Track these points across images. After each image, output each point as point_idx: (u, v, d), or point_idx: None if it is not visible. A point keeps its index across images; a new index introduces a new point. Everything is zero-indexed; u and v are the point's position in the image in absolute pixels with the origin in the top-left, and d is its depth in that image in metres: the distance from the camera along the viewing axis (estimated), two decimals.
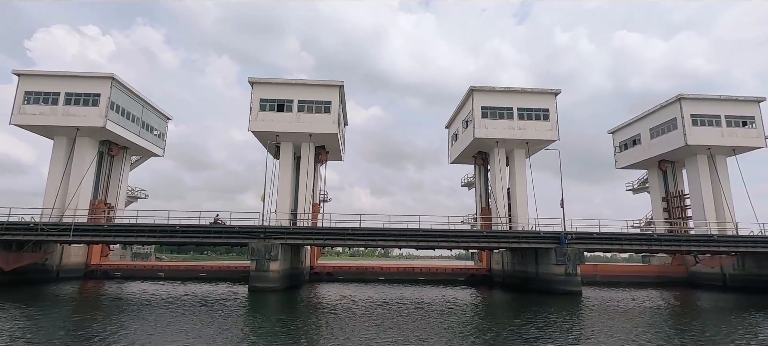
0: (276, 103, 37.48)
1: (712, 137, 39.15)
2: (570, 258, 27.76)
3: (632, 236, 28.91)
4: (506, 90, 38.87)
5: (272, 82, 38.06)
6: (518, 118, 38.30)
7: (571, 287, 27.57)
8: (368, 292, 29.09)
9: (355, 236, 28.03)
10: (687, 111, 39.41)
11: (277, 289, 27.13)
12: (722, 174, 40.39)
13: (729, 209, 38.69)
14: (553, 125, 38.34)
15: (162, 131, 47.24)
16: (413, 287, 33.12)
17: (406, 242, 28.04)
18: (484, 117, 38.28)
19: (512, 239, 29.09)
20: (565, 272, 27.71)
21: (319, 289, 30.98)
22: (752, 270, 35.48)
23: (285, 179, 38.29)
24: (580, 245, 28.40)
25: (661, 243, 29.20)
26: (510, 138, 37.96)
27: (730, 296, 30.55)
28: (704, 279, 40.19)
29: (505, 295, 28.89)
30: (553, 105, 38.75)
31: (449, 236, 28.08)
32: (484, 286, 36.68)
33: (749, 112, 39.93)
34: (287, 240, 27.51)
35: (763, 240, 30.25)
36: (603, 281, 41.51)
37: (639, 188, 50.27)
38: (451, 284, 37.54)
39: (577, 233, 28.54)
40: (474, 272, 40.30)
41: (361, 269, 39.82)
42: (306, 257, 36.88)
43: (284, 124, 37.14)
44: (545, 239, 28.68)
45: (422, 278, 39.51)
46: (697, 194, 40.47)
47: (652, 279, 42.23)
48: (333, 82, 38.11)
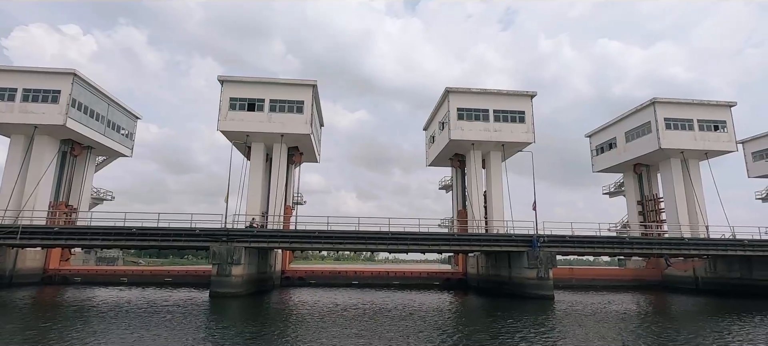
0: (247, 103, 36.37)
1: (685, 141, 39.40)
2: (542, 262, 27.30)
3: (605, 239, 28.63)
4: (482, 92, 38.48)
5: (243, 81, 36.94)
6: (494, 120, 37.92)
7: (543, 291, 27.09)
8: (339, 297, 28.15)
9: (322, 239, 27.09)
10: (661, 115, 39.60)
11: (241, 294, 25.99)
12: (695, 178, 40.67)
13: (701, 213, 38.91)
14: (529, 127, 38.06)
15: (130, 131, 45.58)
16: (386, 292, 32.28)
17: (376, 245, 27.22)
18: (460, 119, 37.79)
19: (484, 243, 28.53)
20: (537, 276, 27.22)
21: (289, 294, 29.90)
22: (723, 273, 35.67)
23: (255, 181, 37.11)
24: (553, 249, 27.97)
25: (633, 246, 29.00)
26: (486, 140, 37.52)
27: (702, 299, 30.53)
28: (677, 282, 40.34)
29: (477, 300, 28.28)
30: (529, 107, 38.49)
31: (419, 239, 27.35)
32: (460, 290, 36.06)
33: (721, 116, 40.33)
34: (251, 243, 26.40)
35: (732, 243, 30.32)
36: (579, 284, 41.35)
37: (615, 192, 50.49)
38: (426, 288, 36.83)
39: (549, 236, 28.11)
40: (449, 277, 39.67)
41: (334, 273, 38.80)
42: (276, 261, 35.72)
43: (255, 124, 36.02)
44: (517, 242, 28.18)
45: (397, 283, 38.70)
46: (671, 197, 40.67)
47: (628, 282, 42.27)
48: (306, 82, 37.19)
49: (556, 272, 43.93)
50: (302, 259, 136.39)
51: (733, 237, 31.63)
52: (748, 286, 33.53)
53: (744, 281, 33.96)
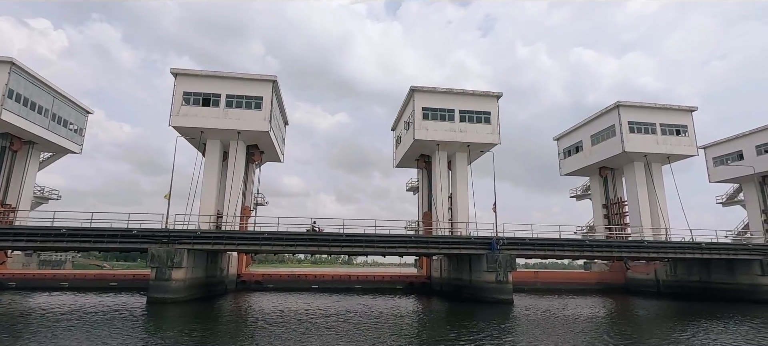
0: (201, 97, 34.56)
1: (648, 145, 39.57)
2: (501, 265, 26.51)
3: (565, 241, 28.10)
4: (448, 91, 37.71)
5: (197, 74, 35.10)
6: (460, 121, 37.18)
7: (502, 295, 26.29)
8: (296, 301, 26.71)
9: (272, 241, 25.58)
10: (625, 118, 39.69)
11: (182, 300, 24.23)
12: (657, 181, 40.92)
13: (662, 216, 39.09)
14: (495, 129, 37.48)
15: (80, 126, 42.94)
16: (346, 296, 30.98)
17: (329, 247, 25.86)
18: (425, 118, 36.90)
19: (442, 245, 27.58)
20: (496, 280, 26.39)
21: (242, 299, 28.25)
22: (683, 276, 35.81)
23: (210, 179, 35.27)
24: (512, 251, 27.23)
25: (593, 249, 28.60)
26: (451, 140, 36.73)
27: (662, 302, 30.37)
28: (640, 285, 40.43)
29: (437, 304, 27.29)
30: (494, 108, 37.93)
31: (374, 242, 26.16)
32: (423, 294, 35.08)
33: (683, 121, 40.74)
34: (194, 245, 24.68)
35: (690, 246, 30.29)
36: (543, 287, 40.97)
37: (582, 195, 50.62)
38: (389, 292, 35.68)
39: (509, 239, 27.36)
40: (413, 280, 38.64)
41: (293, 277, 37.22)
42: (230, 264, 33.93)
43: (210, 119, 34.25)
44: (476, 245, 27.34)
45: (359, 286, 37.42)
46: (634, 200, 40.79)
47: (592, 286, 42.14)
48: (265, 77, 35.64)
49: (520, 276, 43.70)
50: (274, 262, 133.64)
51: (691, 240, 31.65)
52: (706, 289, 33.69)
53: (703, 284, 34.12)
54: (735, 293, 31.19)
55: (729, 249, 30.17)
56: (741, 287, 30.92)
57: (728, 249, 30.16)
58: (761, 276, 29.63)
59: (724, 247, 30.20)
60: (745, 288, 30.64)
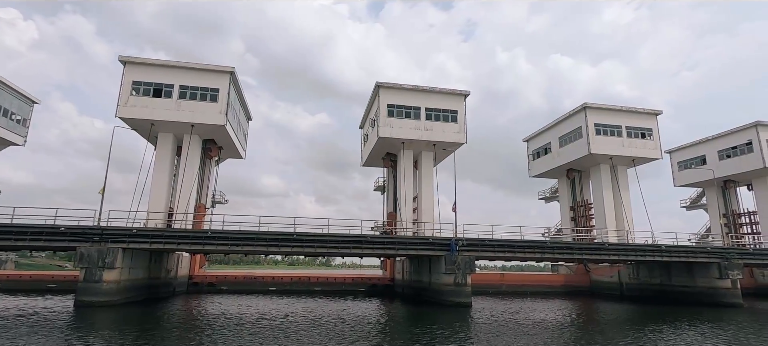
0: (152, 87, 32.56)
1: (614, 147, 39.54)
2: (460, 266, 25.57)
3: (525, 243, 27.40)
4: (414, 88, 36.73)
5: (148, 63, 33.08)
6: (426, 119, 36.25)
7: (461, 298, 25.36)
8: (248, 304, 25.11)
9: (216, 240, 23.93)
10: (591, 120, 39.56)
11: (116, 303, 22.36)
12: (623, 184, 40.97)
13: (626, 219, 39.08)
14: (462, 128, 36.70)
15: (24, 117, 40.06)
16: (303, 299, 29.50)
17: (278, 247, 24.40)
18: (390, 116, 35.81)
19: (399, 246, 26.47)
20: (454, 282, 25.44)
21: (189, 302, 26.45)
22: (645, 279, 35.76)
23: (161, 175, 33.26)
24: (472, 253, 26.35)
25: (554, 251, 28.00)
26: (416, 139, 35.73)
27: (623, 305, 30.04)
28: (604, 288, 40.33)
29: (395, 307, 26.15)
30: (462, 107, 37.16)
31: (327, 242, 24.83)
32: (386, 297, 33.91)
33: (648, 124, 40.90)
34: (130, 244, 22.83)
35: (650, 249, 30.10)
36: (509, 290, 40.43)
37: (551, 197, 50.52)
38: (351, 294, 34.34)
39: (468, 240, 26.47)
40: (376, 282, 37.44)
41: (250, 278, 35.47)
42: (180, 265, 32.00)
43: (161, 111, 32.28)
44: (435, 246, 26.35)
45: (319, 289, 35.95)
46: (600, 202, 40.71)
47: (558, 288, 41.86)
48: (221, 68, 33.90)
49: (487, 278, 43.14)
50: (249, 263, 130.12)
51: (652, 243, 31.51)
52: (667, 292, 33.65)
53: (664, 286, 34.09)
54: (694, 296, 31.17)
55: (688, 252, 30.10)
56: (700, 290, 30.91)
57: (687, 252, 30.08)
58: (719, 279, 29.63)
59: (683, 250, 30.11)
60: (703, 291, 30.63)
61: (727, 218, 48.20)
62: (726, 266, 29.41)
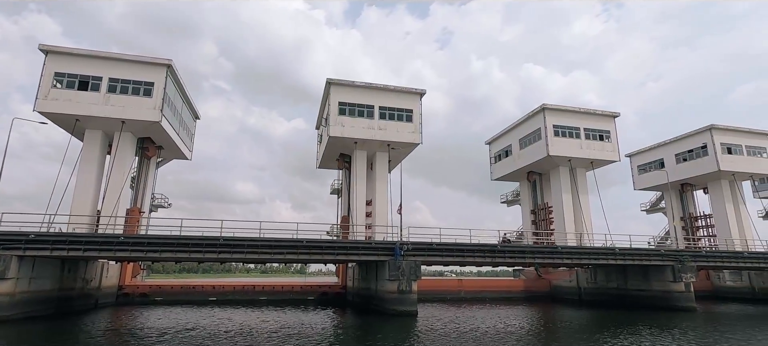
0: (78, 80, 29.75)
1: (573, 149, 38.97)
2: (405, 273, 23.85)
3: (475, 246, 25.94)
4: (367, 86, 35.11)
5: (73, 53, 30.25)
6: (379, 118, 34.67)
7: (405, 306, 23.61)
8: (177, 317, 22.52)
9: (129, 246, 21.43)
10: (550, 122, 38.90)
11: (12, 319, 19.53)
12: (582, 187, 40.40)
13: (585, 222, 38.43)
14: (417, 127, 35.28)
15: None
16: (245, 310, 27.07)
17: (203, 253, 22.07)
18: (342, 114, 34.07)
19: (339, 251, 24.54)
20: (398, 289, 23.67)
21: (111, 315, 23.63)
22: (602, 283, 35.02)
23: (87, 175, 30.35)
24: (418, 257, 24.68)
25: (505, 255, 26.68)
26: (369, 139, 34.07)
27: (581, 311, 28.99)
28: (564, 293, 39.50)
29: (339, 317, 24.13)
30: (417, 106, 35.79)
31: (259, 246, 22.65)
32: (337, 305, 31.81)
33: (606, 126, 40.57)
34: (27, 251, 20.09)
35: (604, 252, 29.21)
36: (468, 296, 39.05)
37: (512, 200, 49.72)
38: (299, 304, 32.06)
39: (414, 244, 24.82)
40: (327, 290, 35.31)
41: (187, 288, 32.76)
42: (104, 274, 29.04)
43: (87, 106, 29.50)
44: (378, 251, 24.57)
45: (264, 298, 33.54)
46: (559, 205, 40.01)
47: (519, 294, 40.79)
48: (157, 60, 31.40)
49: (444, 285, 41.67)
50: (220, 272, 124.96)
51: (605, 246, 30.69)
52: (624, 296, 32.92)
53: (621, 291, 33.36)
54: (650, 300, 30.46)
55: (642, 255, 29.39)
56: (655, 294, 30.21)
57: (641, 255, 29.36)
58: (673, 282, 28.98)
59: (637, 252, 29.37)
60: (658, 295, 29.95)
61: (685, 221, 48.52)
62: (679, 269, 28.79)
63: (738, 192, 44.38)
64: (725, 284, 44.16)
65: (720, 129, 43.22)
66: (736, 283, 42.90)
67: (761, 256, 33.10)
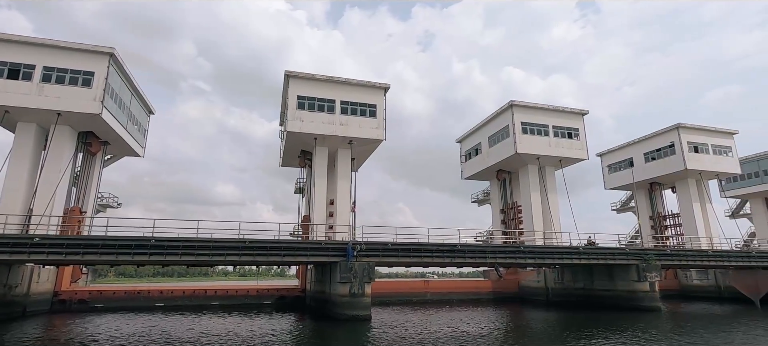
0: (8, 68, 27.36)
1: (541, 147, 38.20)
2: (357, 274, 22.38)
3: (433, 246, 24.64)
4: (328, 79, 33.58)
5: (3, 39, 27.79)
6: (341, 113, 33.16)
7: (357, 311, 22.15)
8: (111, 326, 20.45)
9: (52, 247, 19.35)
10: (518, 119, 38.07)
11: None
12: (550, 185, 39.69)
13: (552, 221, 37.68)
14: (381, 123, 33.90)
15: None
16: (192, 317, 25.08)
17: (132, 255, 20.13)
18: (301, 108, 32.44)
19: (286, 252, 22.88)
20: (349, 292, 22.19)
21: (38, 324, 21.41)
22: (569, 284, 34.29)
23: (18, 170, 27.92)
24: (372, 258, 23.26)
25: (465, 255, 25.46)
26: (330, 134, 32.52)
27: (548, 312, 28.05)
28: (532, 294, 38.70)
29: (289, 324, 22.48)
30: (381, 101, 34.42)
31: (195, 248, 20.85)
32: (295, 310, 30.08)
33: (574, 124, 39.99)
34: None
35: (568, 251, 28.35)
36: (434, 298, 37.85)
37: (483, 200, 48.85)
38: (253, 309, 30.21)
39: (367, 244, 23.37)
40: (285, 294, 33.53)
41: (132, 293, 30.52)
42: (30, 279, 26.55)
43: (17, 96, 27.12)
44: (330, 252, 23.03)
45: (216, 303, 31.56)
46: (528, 204, 39.20)
47: (486, 295, 39.83)
48: (97, 48, 29.17)
49: (410, 286, 40.37)
50: (198, 276, 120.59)
51: (569, 245, 29.88)
52: (590, 296, 32.22)
53: (587, 291, 32.66)
54: (615, 300, 29.77)
55: (607, 254, 28.64)
56: (620, 294, 29.54)
57: (606, 254, 28.61)
58: (638, 282, 28.32)
59: (601, 252, 28.61)
60: (623, 295, 29.27)
61: (654, 220, 48.49)
62: (644, 268, 28.14)
63: (705, 191, 44.48)
64: (692, 283, 44.17)
65: (687, 128, 43.24)
66: (703, 282, 42.91)
67: (725, 255, 32.88)
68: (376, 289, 37.72)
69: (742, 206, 56.24)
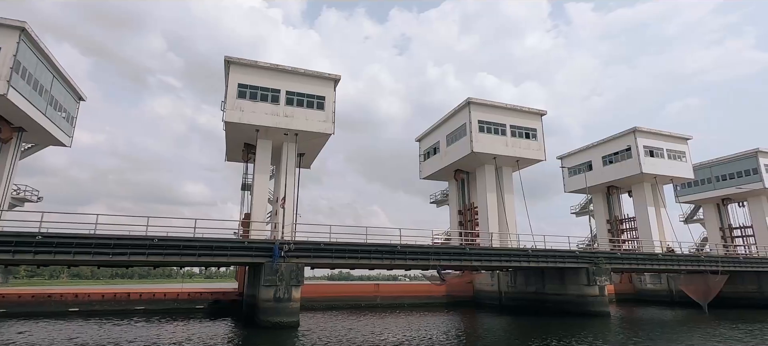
0: None
1: (498, 146, 37.11)
2: (283, 277, 20.31)
3: (371, 246, 22.82)
4: (273, 68, 31.38)
5: None
6: (286, 104, 30.99)
7: (282, 317, 20.12)
8: (4, 338, 17.57)
9: None
10: (475, 117, 36.88)
11: None
12: (507, 187, 38.69)
13: (508, 223, 36.62)
14: (329, 116, 31.92)
15: None
16: (109, 325, 22.33)
17: (33, 255, 17.38)
18: (241, 97, 30.10)
19: (202, 251, 20.52)
20: (274, 297, 20.09)
21: None
22: (521, 287, 33.25)
23: None
24: (302, 259, 21.24)
25: (406, 256, 23.77)
26: (273, 126, 30.29)
27: (500, 317, 26.75)
28: (486, 298, 37.55)
29: (209, 331, 20.19)
30: (330, 93, 32.45)
31: (93, 245, 18.28)
32: (230, 315, 27.66)
33: (532, 124, 39.15)
34: None
35: (516, 253, 27.16)
36: (385, 303, 36.12)
37: (442, 200, 47.57)
38: (183, 314, 27.59)
39: (297, 243, 21.33)
40: (220, 297, 31.00)
41: (41, 297, 27.32)
42: None
43: None
44: (254, 252, 20.84)
45: (141, 308, 28.74)
46: (484, 205, 38.03)
47: (440, 299, 38.42)
48: (6, 21, 25.99)
49: (359, 289, 38.43)
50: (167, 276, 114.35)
51: (517, 247, 28.74)
52: (542, 300, 31.23)
53: (539, 295, 31.67)
54: (565, 305, 28.82)
55: (556, 256, 27.61)
56: (570, 298, 28.61)
57: (556, 256, 27.59)
58: (587, 286, 27.42)
59: (551, 254, 27.56)
60: (573, 299, 28.34)
61: (611, 224, 48.45)
62: (594, 272, 27.26)
63: (659, 195, 44.61)
64: (646, 288, 44.19)
65: (643, 132, 43.26)
66: (656, 286, 42.95)
67: (675, 258, 32.58)
68: (320, 292, 35.84)
69: (696, 212, 57.24)
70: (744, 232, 51.22)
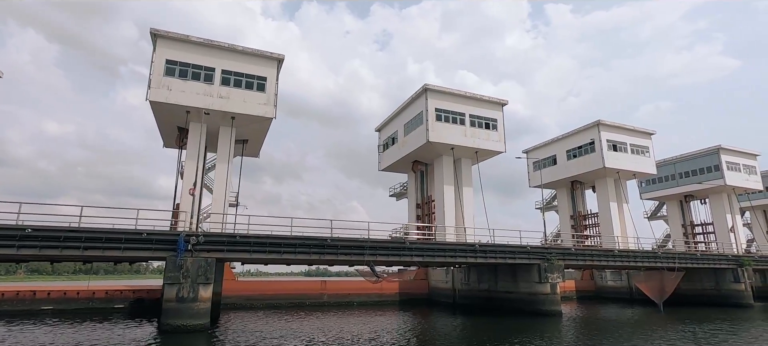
0: None
1: (456, 136, 35.24)
2: (189, 273, 17.78)
3: (298, 239, 20.45)
4: (207, 44, 28.53)
5: None
6: (222, 84, 28.24)
7: (186, 320, 17.60)
8: None
9: None
10: (432, 105, 34.91)
11: None
12: (466, 179, 36.93)
13: (463, 216, 34.87)
14: (271, 99, 29.32)
15: None
16: (14, 327, 19.36)
17: None
18: (169, 75, 27.18)
19: (87, 244, 17.73)
20: (175, 297, 17.54)
21: None
22: (474, 285, 31.54)
23: None
24: (215, 253, 18.74)
25: (338, 251, 21.47)
26: (205, 107, 27.49)
27: (448, 318, 24.81)
28: (441, 296, 35.80)
29: (108, 335, 17.48)
30: (272, 74, 29.81)
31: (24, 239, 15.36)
32: (153, 315, 24.89)
33: (493, 114, 37.44)
34: None
35: (462, 248, 25.24)
36: (332, 301, 33.86)
37: (401, 193, 45.59)
38: (98, 314, 24.65)
39: (207, 236, 18.78)
40: (143, 296, 28.14)
41: None
42: None
43: None
44: (154, 245, 18.20)
45: (49, 308, 25.64)
46: (440, 198, 36.19)
47: (392, 298, 36.39)
48: None
49: (304, 287, 36.02)
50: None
51: (464, 242, 26.90)
52: (494, 298, 29.57)
53: (491, 293, 30.00)
54: (517, 303, 27.19)
55: (506, 252, 25.82)
56: (522, 296, 26.99)
57: (505, 252, 25.79)
58: (539, 283, 25.82)
59: (500, 249, 25.72)
60: (525, 297, 26.72)
61: (574, 220, 47.42)
62: (546, 269, 25.63)
63: (622, 191, 43.71)
64: (607, 285, 43.33)
65: (606, 125, 42.19)
66: (617, 283, 42.09)
67: (631, 255, 31.39)
68: (258, 289, 33.22)
69: (660, 209, 57.06)
70: (705, 229, 51.12)
